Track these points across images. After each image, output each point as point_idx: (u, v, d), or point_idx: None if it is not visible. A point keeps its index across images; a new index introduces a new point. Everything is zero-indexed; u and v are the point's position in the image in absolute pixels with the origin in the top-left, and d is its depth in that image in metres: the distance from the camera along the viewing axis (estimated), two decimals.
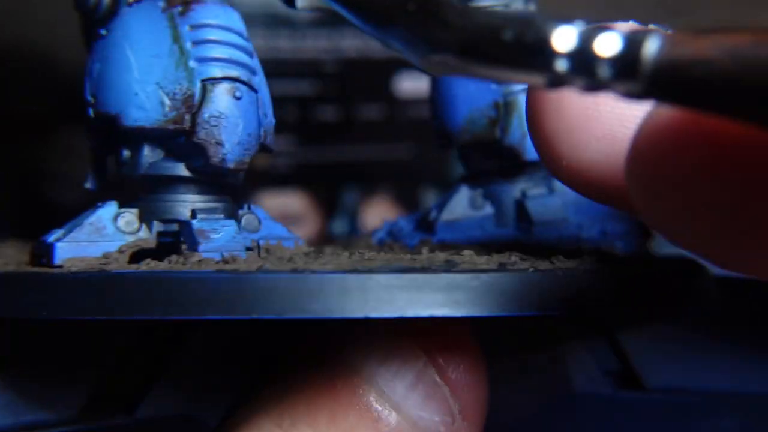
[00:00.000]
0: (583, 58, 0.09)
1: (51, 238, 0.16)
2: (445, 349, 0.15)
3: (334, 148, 0.44)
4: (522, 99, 0.20)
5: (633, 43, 0.09)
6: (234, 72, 0.17)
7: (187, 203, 0.18)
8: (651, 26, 0.10)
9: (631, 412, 0.18)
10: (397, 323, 0.14)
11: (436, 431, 0.15)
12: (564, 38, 0.09)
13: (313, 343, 0.16)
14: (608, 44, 0.09)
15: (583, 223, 0.21)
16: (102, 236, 0.17)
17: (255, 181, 0.41)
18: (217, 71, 0.17)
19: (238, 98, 0.17)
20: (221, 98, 0.17)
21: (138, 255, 0.16)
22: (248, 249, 0.17)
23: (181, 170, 0.18)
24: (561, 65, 0.09)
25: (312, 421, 0.15)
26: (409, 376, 0.15)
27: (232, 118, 0.17)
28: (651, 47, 0.09)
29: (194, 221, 0.17)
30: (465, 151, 0.23)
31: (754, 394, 0.18)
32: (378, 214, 0.43)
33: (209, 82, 0.17)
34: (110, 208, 0.17)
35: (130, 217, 0.18)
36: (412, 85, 0.46)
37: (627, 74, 0.09)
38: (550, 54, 0.09)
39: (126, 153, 0.18)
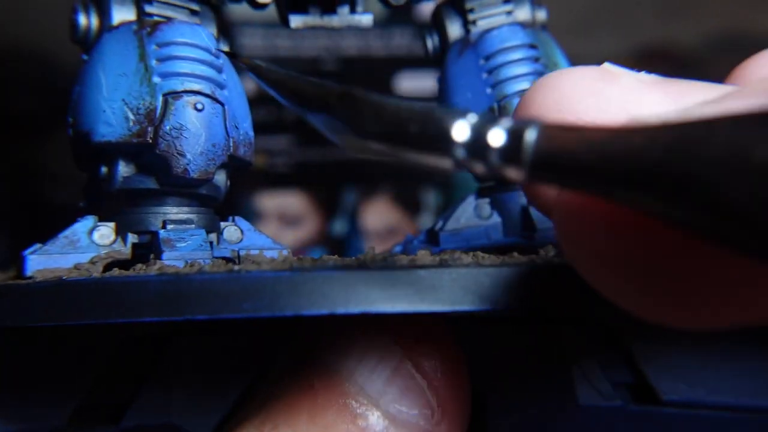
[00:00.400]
0: (477, 148, 0.11)
1: (27, 251, 0.17)
2: (421, 343, 0.15)
3: (333, 149, 0.44)
4: (515, 103, 0.20)
5: (515, 134, 0.10)
6: (196, 85, 0.18)
7: (159, 215, 0.19)
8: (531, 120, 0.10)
9: (645, 426, 0.18)
10: (371, 321, 0.14)
11: (415, 424, 0.15)
12: (460, 131, 0.11)
13: (293, 348, 0.16)
14: (496, 136, 0.10)
15: None
16: (75, 248, 0.18)
17: (255, 182, 0.41)
18: (177, 85, 0.18)
19: (200, 110, 0.18)
20: (182, 111, 0.18)
21: (111, 266, 0.17)
22: (227, 259, 0.17)
23: (152, 183, 0.19)
24: (460, 153, 0.11)
25: (293, 422, 0.15)
26: (385, 371, 0.15)
27: (193, 129, 0.18)
28: (529, 139, 0.10)
29: (162, 231, 0.18)
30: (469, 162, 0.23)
31: None
32: (378, 214, 0.43)
33: (171, 95, 0.18)
34: (87, 222, 0.18)
35: (105, 230, 0.18)
36: (412, 84, 0.46)
37: (513, 161, 0.10)
38: (450, 143, 0.11)
39: (103, 169, 0.19)
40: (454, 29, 0.23)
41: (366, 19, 0.22)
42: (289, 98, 0.14)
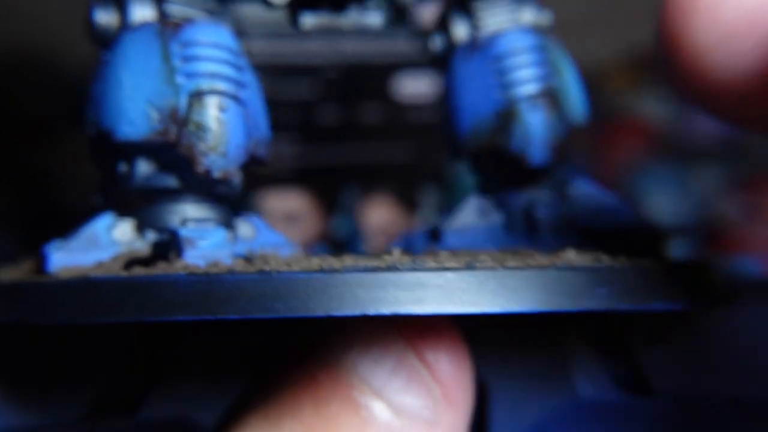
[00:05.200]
0: None
1: (49, 247, 0.17)
2: (425, 335, 0.16)
3: (334, 150, 0.44)
4: (523, 108, 0.21)
5: None
6: (220, 86, 0.18)
7: (179, 213, 0.19)
8: None
9: (641, 417, 0.19)
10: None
11: (419, 415, 0.15)
12: None
13: (298, 341, 0.17)
14: None
15: (592, 231, 0.21)
16: (96, 246, 0.18)
17: (255, 182, 0.42)
18: (202, 85, 0.18)
19: (223, 111, 0.18)
20: (206, 111, 0.18)
21: (131, 263, 0.17)
22: (244, 258, 0.17)
23: (173, 182, 0.19)
24: None
25: (297, 413, 0.15)
26: (389, 363, 0.15)
27: (217, 130, 0.18)
28: None
29: (182, 229, 0.18)
30: (474, 161, 0.23)
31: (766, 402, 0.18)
32: (378, 214, 0.43)
33: (195, 96, 0.18)
34: (106, 219, 0.18)
35: (125, 227, 0.18)
36: (413, 87, 0.47)
37: None
38: None
39: (122, 167, 0.19)
40: (460, 32, 0.23)
41: (376, 19, 0.23)
42: None
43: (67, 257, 0.17)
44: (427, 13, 0.45)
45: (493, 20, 0.22)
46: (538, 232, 0.21)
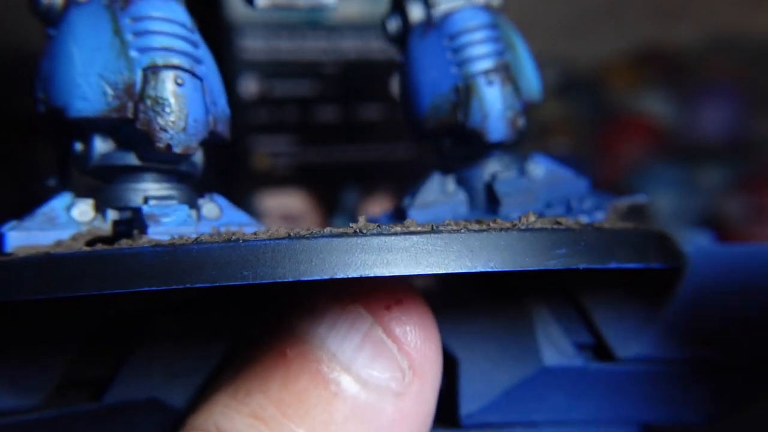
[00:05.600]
0: None
1: (5, 227, 0.17)
2: (392, 308, 0.16)
3: (334, 149, 0.44)
4: (479, 82, 0.21)
5: None
6: (175, 60, 0.18)
7: (140, 191, 0.18)
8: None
9: (604, 382, 0.19)
10: (343, 291, 0.15)
11: (387, 387, 0.15)
12: None
13: (265, 319, 0.17)
14: None
15: (551, 202, 0.22)
16: (54, 225, 0.17)
17: (256, 182, 0.42)
18: (157, 59, 0.17)
19: (180, 85, 0.18)
20: (162, 85, 0.17)
21: (92, 242, 0.17)
22: (209, 234, 0.17)
23: (132, 159, 0.18)
24: None
25: (266, 389, 0.15)
26: (356, 337, 0.15)
27: (175, 105, 0.17)
28: None
29: (144, 206, 0.17)
30: (434, 139, 0.24)
31: (718, 363, 0.19)
32: (378, 213, 0.43)
33: (150, 70, 0.17)
34: (64, 199, 0.18)
35: (84, 206, 0.18)
36: None
37: None
38: None
39: (78, 146, 0.19)
40: (416, 12, 0.23)
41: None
42: None
43: (24, 236, 0.17)
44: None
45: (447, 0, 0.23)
46: (499, 206, 0.22)
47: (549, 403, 0.19)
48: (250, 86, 0.41)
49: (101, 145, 0.18)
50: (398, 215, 0.23)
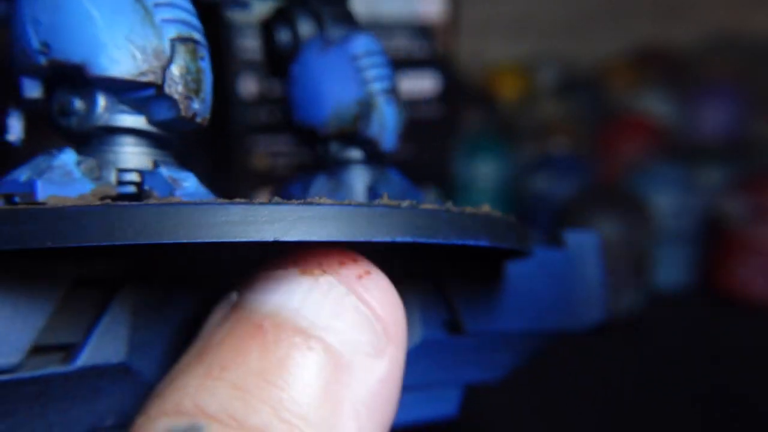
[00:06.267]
0: None
1: (22, 177, 0.17)
2: (362, 278, 0.17)
3: None
4: (380, 100, 0.25)
5: None
6: (195, 35, 0.19)
7: (146, 155, 0.19)
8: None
9: (451, 352, 0.23)
10: (313, 261, 0.16)
11: (364, 352, 0.16)
12: None
13: (234, 291, 0.17)
14: None
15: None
16: (72, 180, 0.17)
17: (255, 182, 0.42)
18: (182, 31, 0.18)
19: (202, 59, 0.18)
20: (190, 57, 0.18)
21: (115, 200, 0.17)
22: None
23: (142, 123, 0.19)
24: None
25: (243, 360, 0.15)
26: (332, 305, 0.16)
27: (203, 77, 0.18)
28: None
29: (162, 169, 0.18)
30: (326, 144, 0.26)
31: (547, 330, 0.25)
32: None
33: (178, 41, 0.18)
34: (71, 155, 0.18)
35: (92, 164, 0.18)
36: (412, 85, 0.46)
37: None
38: None
39: (78, 103, 0.18)
40: (306, 28, 0.26)
41: None
42: None
43: (50, 188, 0.17)
44: (428, 12, 0.45)
45: (337, 22, 0.26)
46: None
47: (416, 369, 0.22)
48: (250, 86, 0.41)
49: (106, 105, 0.18)
50: None
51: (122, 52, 0.17)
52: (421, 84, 0.45)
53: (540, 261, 0.24)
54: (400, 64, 0.45)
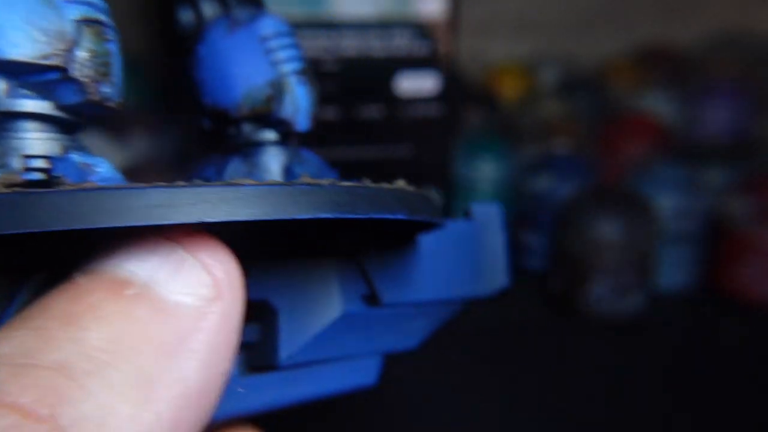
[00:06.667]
0: None
1: None
2: (192, 236, 0.16)
3: (333, 148, 0.44)
4: (292, 81, 0.25)
5: None
6: (101, 16, 0.18)
7: (55, 140, 0.18)
8: None
9: (371, 323, 0.24)
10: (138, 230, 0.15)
11: (190, 305, 0.16)
12: None
13: (78, 257, 0.16)
14: None
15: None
16: None
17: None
18: (86, 12, 0.17)
19: (108, 42, 0.18)
20: (95, 38, 0.17)
21: (23, 186, 0.16)
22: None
23: (48, 108, 0.18)
24: None
25: (48, 307, 0.15)
26: (157, 256, 0.15)
27: (109, 58, 0.18)
28: None
29: (74, 155, 0.17)
30: (238, 125, 0.26)
31: (458, 297, 0.26)
32: None
33: (84, 22, 0.17)
34: None
35: None
36: (412, 84, 0.46)
37: None
38: None
39: None
40: (209, 9, 0.26)
41: None
42: None
43: None
44: (427, 9, 0.44)
45: (242, 3, 0.26)
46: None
47: (337, 341, 0.23)
48: None
49: (5, 89, 0.17)
50: None
51: (21, 34, 0.16)
52: (421, 83, 0.45)
53: (449, 232, 0.25)
54: (400, 63, 0.45)
